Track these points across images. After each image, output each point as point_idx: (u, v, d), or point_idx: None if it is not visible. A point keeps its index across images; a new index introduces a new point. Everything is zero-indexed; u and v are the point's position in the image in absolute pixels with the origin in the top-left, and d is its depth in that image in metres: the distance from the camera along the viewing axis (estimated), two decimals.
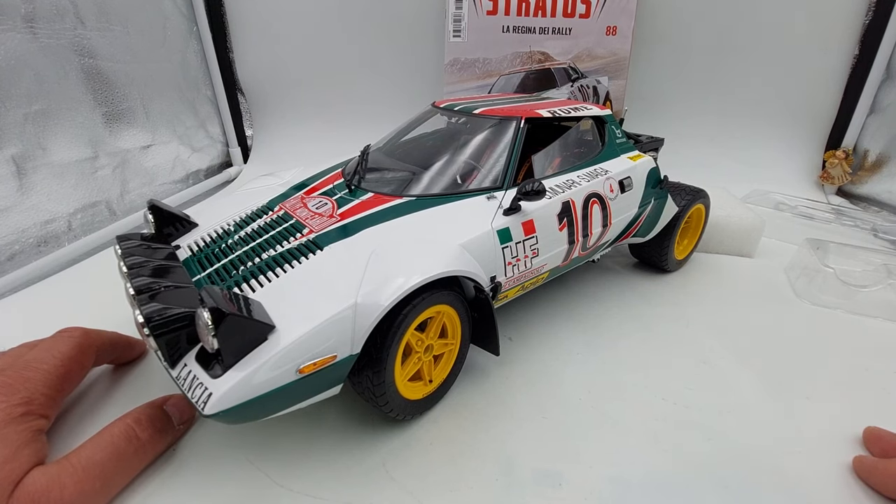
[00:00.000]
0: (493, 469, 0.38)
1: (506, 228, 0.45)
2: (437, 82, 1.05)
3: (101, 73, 0.80)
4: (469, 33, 0.97)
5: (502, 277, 0.45)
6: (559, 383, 0.47)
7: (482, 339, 0.45)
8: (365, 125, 1.07)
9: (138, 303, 0.33)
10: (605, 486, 0.37)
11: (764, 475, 0.38)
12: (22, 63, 0.66)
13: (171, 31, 0.98)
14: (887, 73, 0.98)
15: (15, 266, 0.66)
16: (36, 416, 0.34)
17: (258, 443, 0.40)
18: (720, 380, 0.48)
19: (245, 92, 1.18)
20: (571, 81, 1.00)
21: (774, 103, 1.08)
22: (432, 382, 0.43)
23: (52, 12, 0.71)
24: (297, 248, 0.41)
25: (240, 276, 0.38)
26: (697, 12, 1.02)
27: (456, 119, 0.59)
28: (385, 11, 1.08)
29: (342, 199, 0.48)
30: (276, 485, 0.36)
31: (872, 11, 0.96)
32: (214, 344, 0.30)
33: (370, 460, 0.38)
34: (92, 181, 0.78)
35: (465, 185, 0.49)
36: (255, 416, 0.33)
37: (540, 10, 0.95)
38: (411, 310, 0.37)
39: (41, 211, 0.70)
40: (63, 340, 0.40)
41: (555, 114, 0.56)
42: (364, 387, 0.37)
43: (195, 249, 0.44)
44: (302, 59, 1.14)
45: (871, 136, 1.02)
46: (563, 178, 0.53)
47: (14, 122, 0.66)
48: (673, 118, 1.10)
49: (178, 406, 0.40)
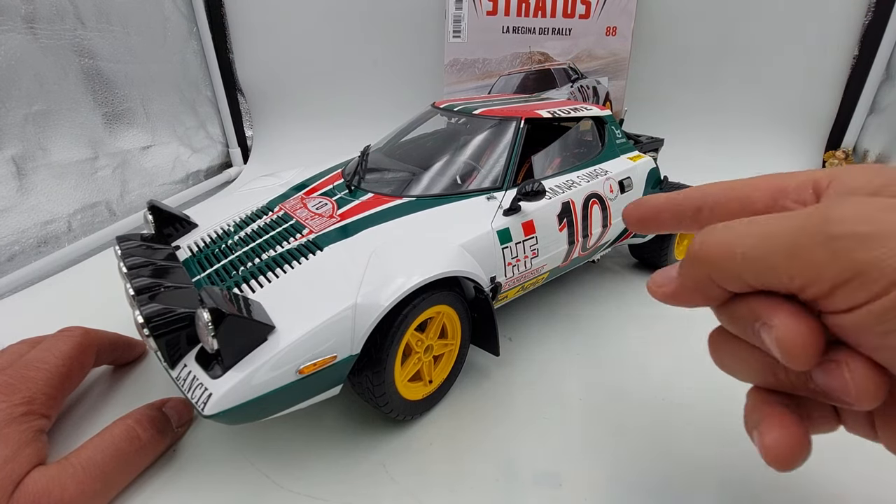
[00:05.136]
0: (493, 469, 0.38)
1: (506, 229, 0.45)
2: (437, 83, 1.05)
3: (101, 73, 0.80)
4: (469, 34, 0.97)
5: (502, 278, 0.45)
6: (559, 383, 0.47)
7: (482, 339, 0.45)
8: (365, 125, 1.07)
9: (138, 303, 0.33)
10: (605, 487, 0.37)
11: (764, 475, 0.38)
12: (22, 63, 0.66)
13: (171, 32, 0.98)
14: (887, 73, 0.98)
15: (15, 266, 0.66)
16: (37, 415, 0.34)
17: (258, 443, 0.40)
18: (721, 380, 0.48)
19: (245, 92, 1.18)
20: (571, 82, 1.00)
21: (774, 103, 1.08)
22: (432, 383, 0.43)
23: (52, 13, 0.71)
24: (297, 248, 0.41)
25: (240, 277, 0.38)
26: (697, 13, 1.03)
27: (456, 119, 0.59)
28: (385, 12, 1.08)
29: (342, 200, 0.48)
30: (276, 485, 0.36)
31: (872, 11, 0.96)
32: (214, 344, 0.30)
33: (370, 460, 0.38)
34: (92, 182, 0.79)
35: (465, 186, 0.49)
36: (254, 416, 0.33)
37: (540, 10, 0.95)
38: (411, 310, 0.37)
39: (41, 211, 0.70)
40: (64, 340, 0.40)
41: (555, 114, 0.56)
42: (364, 387, 0.37)
43: (195, 250, 0.44)
44: (302, 59, 1.14)
45: (870, 137, 1.02)
46: (562, 179, 0.53)
47: (14, 122, 0.66)
48: (673, 118, 1.10)
49: (177, 408, 0.40)
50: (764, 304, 0.20)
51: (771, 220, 0.20)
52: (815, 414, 0.25)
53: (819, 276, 0.18)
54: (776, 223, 0.20)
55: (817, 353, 0.19)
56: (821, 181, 0.22)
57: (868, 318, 0.17)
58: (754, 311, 0.21)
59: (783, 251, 0.19)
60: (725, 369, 0.27)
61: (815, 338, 0.19)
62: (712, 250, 0.22)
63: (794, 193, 0.23)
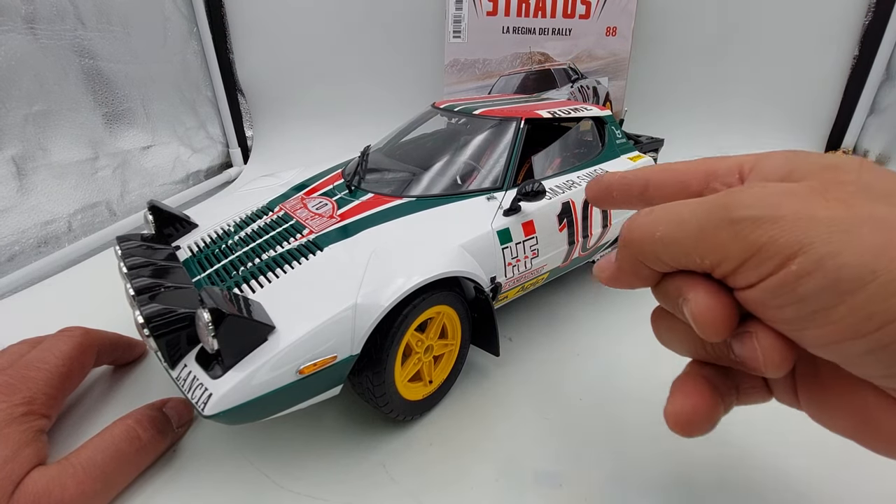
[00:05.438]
0: (493, 469, 0.38)
1: (506, 229, 0.45)
2: (437, 83, 1.06)
3: (102, 73, 0.80)
4: (469, 34, 0.97)
5: (502, 278, 0.45)
6: (559, 383, 0.47)
7: (482, 339, 0.45)
8: (365, 126, 1.07)
9: (138, 303, 0.33)
10: (606, 487, 0.37)
11: (765, 475, 0.38)
12: (22, 64, 0.66)
13: (171, 32, 0.98)
14: (887, 73, 0.98)
15: (15, 267, 0.66)
16: (37, 415, 0.35)
17: (258, 444, 0.40)
18: None
19: (245, 93, 1.18)
20: (571, 82, 1.00)
21: (774, 103, 1.08)
22: (432, 383, 0.43)
23: (52, 13, 0.71)
24: (297, 248, 0.41)
25: (240, 277, 0.38)
26: (697, 13, 1.03)
27: (456, 120, 0.59)
28: (385, 12, 1.08)
29: (342, 200, 0.48)
30: (276, 485, 0.36)
31: (872, 12, 0.96)
32: (214, 345, 0.30)
33: (370, 461, 0.38)
34: (92, 182, 0.79)
35: (465, 186, 0.49)
36: (255, 416, 0.33)
37: (540, 10, 0.95)
38: (411, 310, 0.37)
39: (41, 212, 0.70)
40: (64, 340, 0.40)
41: (555, 114, 0.56)
42: (364, 387, 0.37)
43: (195, 250, 0.44)
44: (302, 59, 1.14)
45: (871, 137, 1.02)
46: (563, 179, 0.53)
47: (14, 122, 0.66)
48: (673, 119, 1.10)
49: (177, 408, 0.40)
50: (685, 282, 0.22)
51: (683, 205, 0.22)
52: (745, 385, 0.27)
53: (725, 256, 0.20)
54: (687, 209, 0.22)
55: (726, 325, 0.21)
56: (745, 166, 0.24)
57: (765, 293, 0.19)
58: (679, 289, 0.23)
59: (692, 234, 0.21)
60: (664, 343, 0.29)
61: (725, 311, 0.21)
62: (635, 234, 0.24)
63: (723, 177, 0.24)
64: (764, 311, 0.20)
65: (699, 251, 0.21)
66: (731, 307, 0.21)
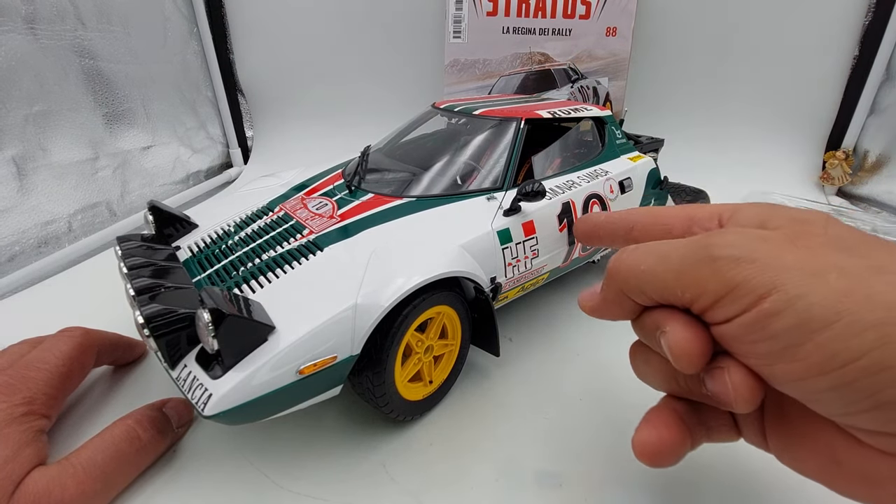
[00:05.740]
0: (494, 469, 0.38)
1: (506, 229, 0.45)
2: (438, 83, 1.06)
3: (102, 74, 0.80)
4: (469, 34, 0.97)
5: (502, 278, 0.45)
6: (559, 383, 0.47)
7: (482, 339, 0.45)
8: (365, 126, 1.07)
9: (138, 304, 0.33)
10: (606, 487, 0.37)
11: (765, 475, 0.38)
12: (22, 64, 0.66)
13: (171, 32, 0.98)
14: (887, 73, 0.98)
15: (15, 267, 0.66)
16: (37, 415, 0.35)
17: (258, 444, 0.40)
18: None
19: (245, 93, 1.18)
20: (571, 82, 1.00)
21: (774, 104, 1.08)
22: (432, 383, 0.43)
23: (52, 13, 0.71)
24: (297, 248, 0.41)
25: (240, 277, 0.39)
26: (697, 13, 1.03)
27: (456, 120, 0.59)
28: (385, 12, 1.08)
29: (342, 200, 0.48)
30: (276, 486, 0.36)
31: (872, 12, 0.96)
32: (214, 345, 0.30)
33: (370, 461, 0.38)
34: (92, 182, 0.79)
35: (465, 186, 0.49)
36: (255, 417, 0.33)
37: (540, 10, 0.95)
38: (411, 310, 0.37)
39: (41, 212, 0.70)
40: (64, 340, 0.40)
41: (555, 115, 0.56)
42: (364, 387, 0.37)
43: (195, 250, 0.44)
44: (302, 59, 1.14)
45: (871, 137, 1.02)
46: (563, 179, 0.53)
47: (14, 123, 0.66)
48: (673, 119, 1.10)
49: (177, 408, 0.40)
50: (664, 315, 0.24)
51: (667, 244, 0.24)
52: (714, 423, 0.28)
53: (704, 291, 0.21)
54: (670, 247, 0.24)
55: (700, 357, 0.22)
56: (724, 214, 0.26)
57: (739, 329, 0.21)
58: (656, 321, 0.24)
59: (675, 269, 0.23)
60: (640, 377, 0.30)
61: (700, 344, 0.22)
62: (622, 267, 0.25)
63: (703, 222, 0.26)
64: (738, 346, 0.21)
65: (680, 285, 0.22)
66: (705, 341, 0.22)
